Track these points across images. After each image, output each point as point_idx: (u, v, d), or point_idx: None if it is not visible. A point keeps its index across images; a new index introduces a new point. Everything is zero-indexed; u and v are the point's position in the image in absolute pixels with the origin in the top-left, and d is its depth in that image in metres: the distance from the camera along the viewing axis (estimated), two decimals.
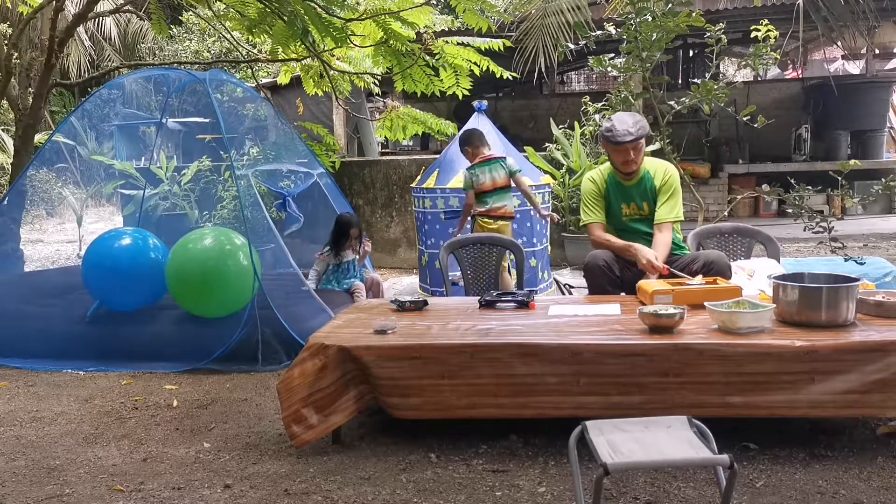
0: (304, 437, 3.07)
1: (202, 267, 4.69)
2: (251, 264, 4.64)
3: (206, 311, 4.74)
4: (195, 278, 4.68)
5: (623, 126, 3.82)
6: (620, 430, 2.26)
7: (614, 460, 2.07)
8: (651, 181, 3.97)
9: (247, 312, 4.53)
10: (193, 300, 4.77)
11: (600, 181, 4.06)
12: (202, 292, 4.68)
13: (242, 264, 4.68)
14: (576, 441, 2.27)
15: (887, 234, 8.49)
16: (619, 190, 4.02)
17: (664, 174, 3.97)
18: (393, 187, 8.21)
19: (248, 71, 9.35)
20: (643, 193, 3.99)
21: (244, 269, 4.66)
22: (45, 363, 4.66)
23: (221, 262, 4.72)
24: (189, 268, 4.73)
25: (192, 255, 4.79)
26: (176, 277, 4.77)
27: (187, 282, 4.73)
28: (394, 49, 5.50)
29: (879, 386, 2.79)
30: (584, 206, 4.14)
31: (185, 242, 4.87)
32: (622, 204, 4.03)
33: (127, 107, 6.93)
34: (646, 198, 3.99)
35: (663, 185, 3.95)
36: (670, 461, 2.27)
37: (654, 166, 4.00)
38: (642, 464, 2.26)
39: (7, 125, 11.36)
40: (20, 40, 6.81)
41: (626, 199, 4.02)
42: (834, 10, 8.16)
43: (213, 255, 4.77)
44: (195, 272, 4.68)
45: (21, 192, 5.92)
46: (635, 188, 3.99)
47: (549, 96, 12.88)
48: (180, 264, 4.76)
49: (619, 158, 3.88)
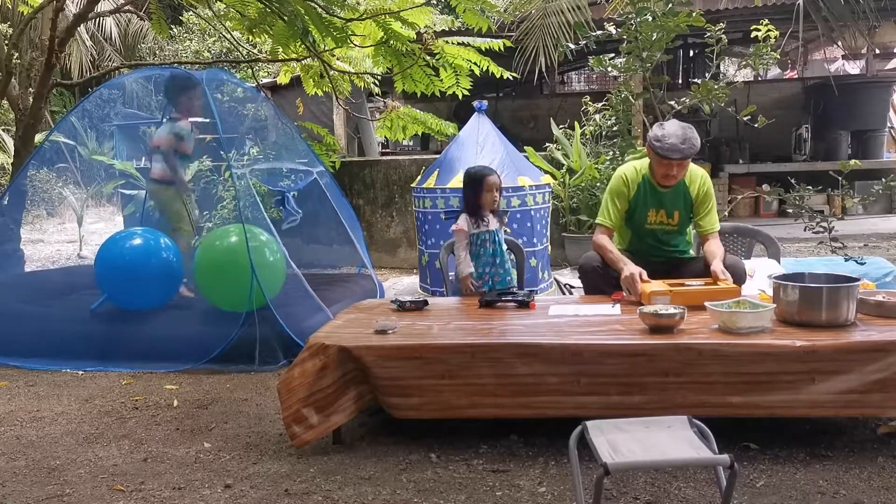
0: (304, 437, 3.07)
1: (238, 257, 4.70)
2: (283, 259, 4.83)
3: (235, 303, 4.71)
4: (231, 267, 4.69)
5: (674, 139, 3.59)
6: (621, 430, 2.26)
7: (615, 460, 2.07)
8: (686, 188, 3.80)
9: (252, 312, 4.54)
10: (224, 289, 4.80)
11: (633, 181, 3.84)
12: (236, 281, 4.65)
13: (275, 257, 4.84)
14: (576, 441, 2.28)
15: (887, 234, 8.48)
16: (651, 193, 3.83)
17: (700, 181, 3.81)
18: (393, 187, 8.21)
19: (249, 71, 9.35)
20: (675, 201, 3.82)
21: (277, 262, 4.84)
22: (45, 363, 4.66)
23: (258, 253, 4.73)
24: (224, 257, 4.81)
25: (226, 246, 4.87)
26: (210, 266, 4.85)
27: (223, 270, 4.78)
28: (394, 49, 5.50)
29: (880, 386, 2.79)
30: (605, 203, 3.92)
31: (221, 235, 5.02)
32: (651, 209, 3.85)
33: (127, 107, 6.93)
34: (677, 206, 3.82)
35: (703, 195, 3.81)
36: (671, 461, 2.27)
37: (689, 172, 3.81)
38: (643, 464, 2.26)
39: (7, 125, 11.37)
40: (20, 40, 6.81)
41: (657, 205, 3.84)
42: (834, 10, 8.16)
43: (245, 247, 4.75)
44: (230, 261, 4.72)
45: (21, 192, 5.92)
46: (670, 195, 3.82)
47: (550, 96, 12.87)
48: (216, 254, 4.87)
49: (661, 171, 3.70)
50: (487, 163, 5.72)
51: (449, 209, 5.82)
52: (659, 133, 3.65)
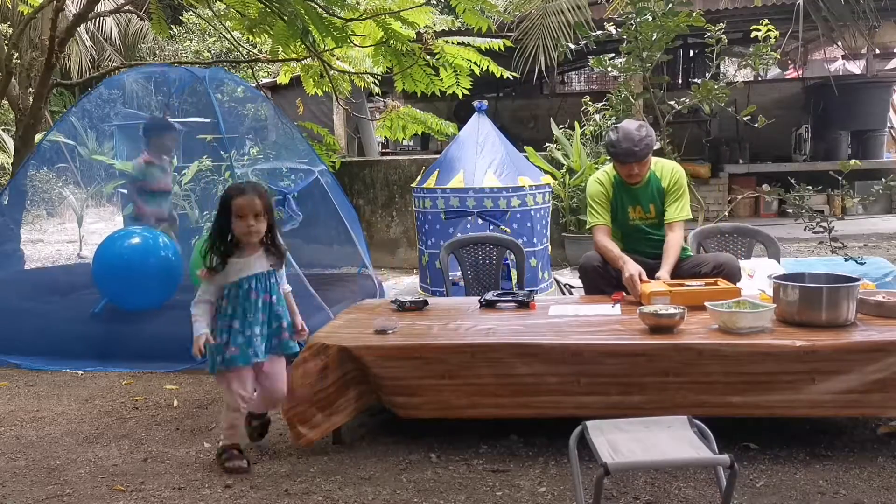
0: (306, 437, 3.07)
1: None
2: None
3: None
4: None
5: (627, 143, 3.73)
6: (621, 430, 2.27)
7: (615, 460, 2.08)
8: (658, 182, 3.94)
9: None
10: None
11: (607, 183, 4.00)
12: None
13: None
14: (576, 441, 2.29)
15: (887, 234, 8.48)
16: (625, 192, 3.98)
17: (671, 174, 3.94)
18: (393, 187, 8.21)
19: (249, 71, 9.36)
20: (650, 196, 3.96)
21: None
22: (45, 362, 4.66)
23: None
24: None
25: None
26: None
27: None
28: (394, 49, 5.50)
29: (879, 386, 2.79)
30: (590, 207, 4.07)
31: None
32: (629, 207, 3.99)
33: (127, 106, 6.92)
34: (652, 200, 3.96)
35: (671, 186, 3.92)
36: (671, 461, 2.28)
37: (659, 167, 3.97)
38: (642, 464, 2.27)
39: (7, 125, 11.37)
40: (20, 40, 6.81)
41: (633, 202, 3.98)
42: (834, 10, 8.16)
43: None
44: None
45: (21, 192, 5.91)
46: (642, 191, 3.96)
47: (550, 96, 12.88)
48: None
49: (624, 172, 3.86)
50: (487, 163, 5.75)
51: (449, 209, 5.82)
52: (613, 138, 3.81)
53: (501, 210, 5.73)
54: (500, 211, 5.69)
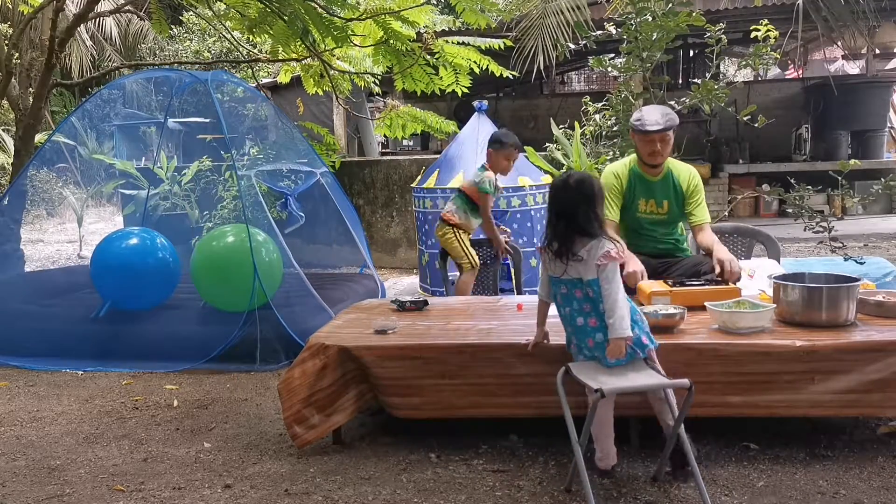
0: (305, 437, 3.07)
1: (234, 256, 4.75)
2: (279, 258, 4.86)
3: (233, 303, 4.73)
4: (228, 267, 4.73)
5: (652, 116, 3.80)
6: (599, 370, 2.66)
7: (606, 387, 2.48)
8: (676, 181, 3.93)
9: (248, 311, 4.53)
10: (220, 289, 4.83)
11: (623, 175, 3.98)
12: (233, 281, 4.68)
13: (272, 257, 4.85)
14: (562, 378, 2.67)
15: (887, 234, 8.49)
16: (641, 184, 3.96)
17: (690, 177, 3.96)
18: (393, 187, 8.21)
19: (249, 71, 9.36)
20: (665, 191, 3.94)
21: (273, 262, 4.85)
22: (45, 363, 4.66)
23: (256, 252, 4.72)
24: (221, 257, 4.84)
25: (223, 246, 4.90)
26: (208, 266, 4.86)
27: (220, 270, 4.81)
28: (394, 48, 5.50)
29: (879, 386, 2.79)
30: None
31: (218, 235, 5.04)
32: (641, 199, 3.96)
33: (127, 107, 6.94)
34: (667, 196, 3.93)
35: (693, 188, 3.93)
36: (645, 386, 2.66)
37: (678, 168, 3.96)
38: (626, 388, 2.59)
39: (7, 125, 11.36)
40: (21, 40, 6.80)
41: (647, 195, 3.95)
42: (834, 10, 8.16)
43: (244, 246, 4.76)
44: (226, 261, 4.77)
45: (21, 192, 5.92)
46: (659, 184, 3.94)
47: (550, 96, 12.89)
48: (211, 254, 4.89)
49: (647, 149, 3.84)
50: None
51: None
52: (637, 115, 3.88)
53: (501, 210, 5.73)
54: (500, 211, 5.69)
